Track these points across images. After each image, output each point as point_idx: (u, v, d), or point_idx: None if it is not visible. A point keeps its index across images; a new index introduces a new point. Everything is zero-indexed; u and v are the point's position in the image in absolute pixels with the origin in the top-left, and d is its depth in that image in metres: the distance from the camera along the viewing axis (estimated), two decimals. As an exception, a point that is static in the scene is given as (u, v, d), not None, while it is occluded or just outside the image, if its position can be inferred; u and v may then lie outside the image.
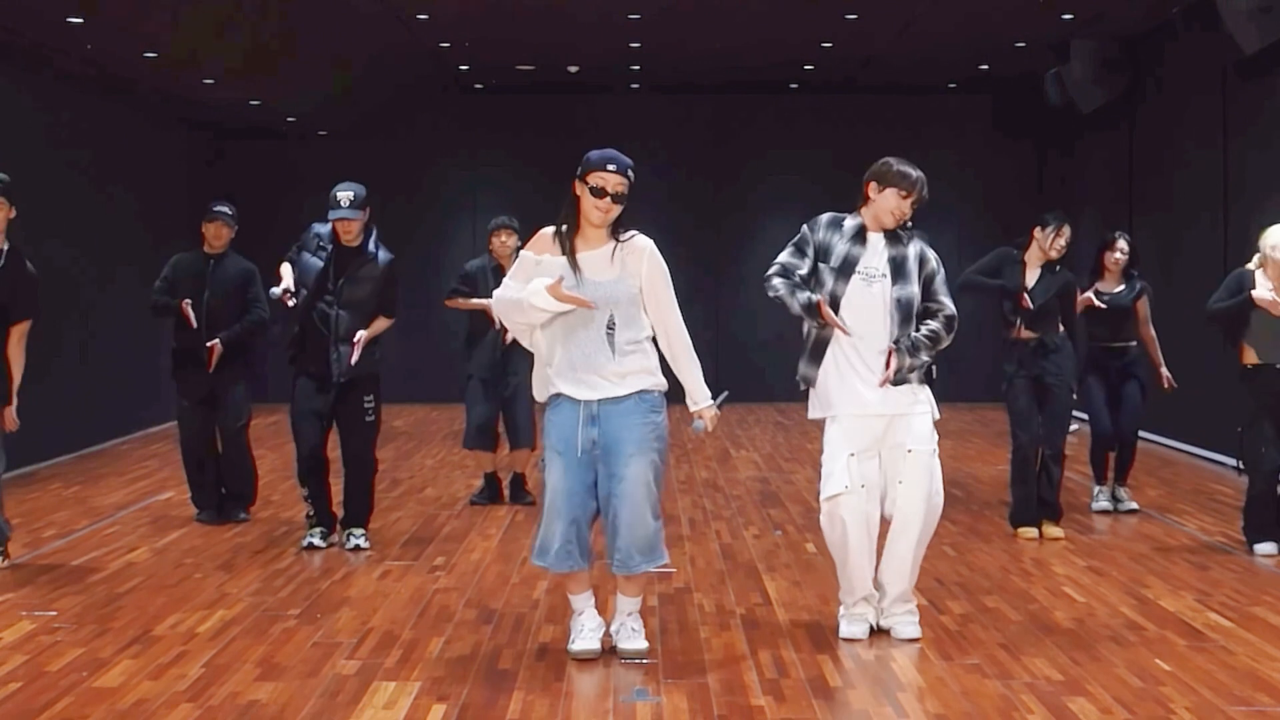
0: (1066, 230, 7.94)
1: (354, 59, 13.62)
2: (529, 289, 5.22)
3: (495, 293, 5.50)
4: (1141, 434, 9.10)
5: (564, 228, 5.31)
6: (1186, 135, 12.02)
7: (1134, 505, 8.74)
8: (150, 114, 14.68)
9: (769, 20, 12.36)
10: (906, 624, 5.69)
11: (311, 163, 16.51)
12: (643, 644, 5.41)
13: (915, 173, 5.62)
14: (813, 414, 5.72)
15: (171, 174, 15.16)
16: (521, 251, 5.46)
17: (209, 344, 8.30)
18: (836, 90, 16.39)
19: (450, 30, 12.81)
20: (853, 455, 5.53)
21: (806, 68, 15.15)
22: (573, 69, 15.12)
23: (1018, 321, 7.86)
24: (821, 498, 5.62)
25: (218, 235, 8.48)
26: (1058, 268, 7.93)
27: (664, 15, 12.08)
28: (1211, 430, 10.99)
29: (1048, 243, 7.87)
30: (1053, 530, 7.88)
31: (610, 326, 5.22)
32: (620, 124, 16.27)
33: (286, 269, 7.58)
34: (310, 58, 12.98)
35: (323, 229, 7.45)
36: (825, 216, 5.73)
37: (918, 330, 5.57)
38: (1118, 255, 8.53)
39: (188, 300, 8.31)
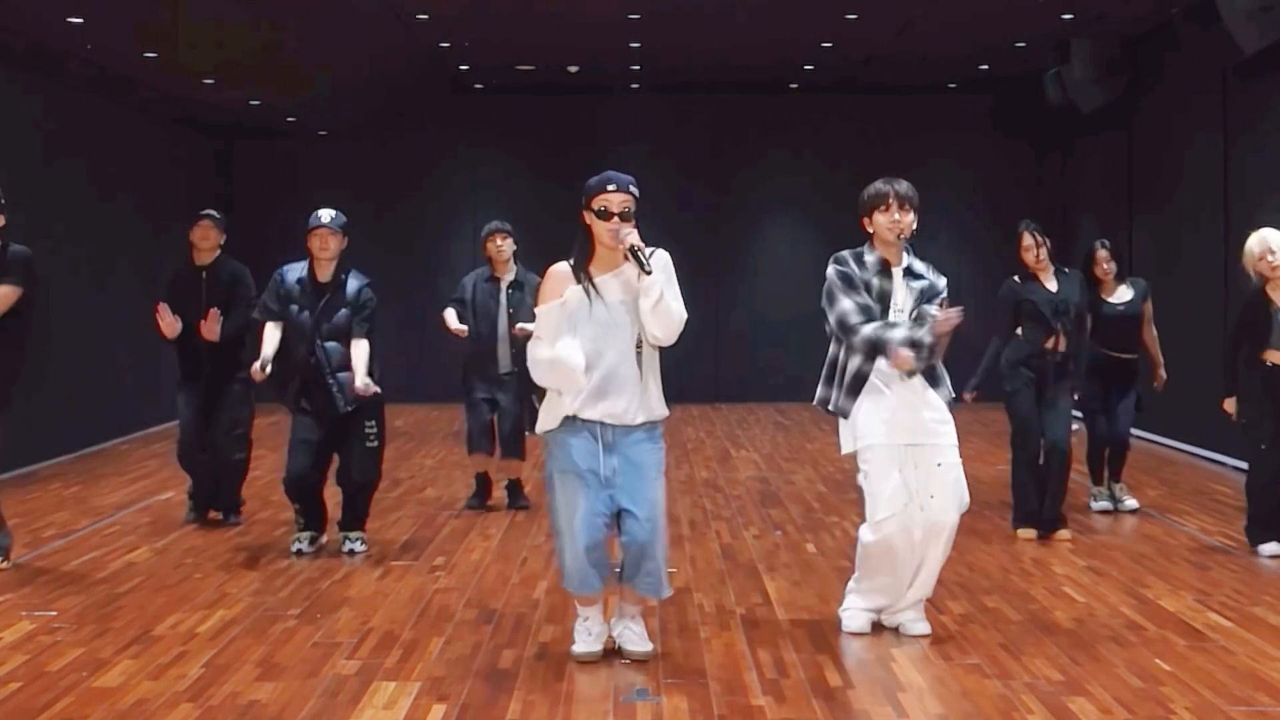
0: (1025, 237, 7.95)
1: (354, 59, 13.61)
2: (561, 350, 5.14)
3: (531, 354, 5.28)
4: (1142, 434, 9.10)
5: (576, 259, 5.23)
6: (1186, 135, 12.02)
7: (1134, 504, 8.71)
8: (150, 114, 14.68)
9: (769, 20, 12.36)
10: (916, 621, 5.75)
11: (311, 163, 16.52)
12: (648, 645, 5.41)
13: (887, 185, 5.63)
14: (846, 449, 5.71)
15: (171, 174, 15.16)
16: (537, 309, 5.30)
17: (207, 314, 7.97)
18: (836, 90, 16.38)
19: (450, 30, 12.82)
20: (900, 473, 5.58)
21: (806, 68, 15.14)
22: (573, 69, 15.12)
23: (1059, 328, 7.82)
24: (871, 519, 5.61)
25: (205, 238, 8.26)
26: (1066, 271, 8.03)
27: (664, 15, 12.08)
28: (1211, 430, 10.98)
29: (1029, 255, 7.91)
30: (1060, 532, 7.84)
31: (639, 345, 5.21)
32: (620, 124, 16.28)
33: (269, 336, 7.34)
34: (310, 58, 12.98)
35: (292, 274, 7.38)
36: (845, 253, 5.70)
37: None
38: (1105, 265, 8.50)
39: (164, 306, 8.01)
